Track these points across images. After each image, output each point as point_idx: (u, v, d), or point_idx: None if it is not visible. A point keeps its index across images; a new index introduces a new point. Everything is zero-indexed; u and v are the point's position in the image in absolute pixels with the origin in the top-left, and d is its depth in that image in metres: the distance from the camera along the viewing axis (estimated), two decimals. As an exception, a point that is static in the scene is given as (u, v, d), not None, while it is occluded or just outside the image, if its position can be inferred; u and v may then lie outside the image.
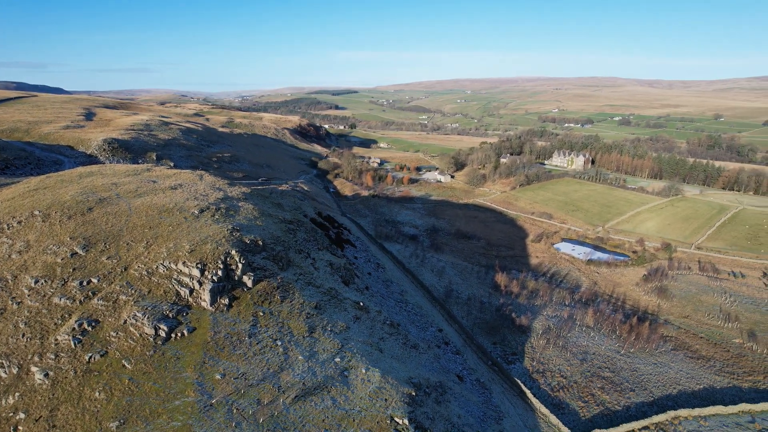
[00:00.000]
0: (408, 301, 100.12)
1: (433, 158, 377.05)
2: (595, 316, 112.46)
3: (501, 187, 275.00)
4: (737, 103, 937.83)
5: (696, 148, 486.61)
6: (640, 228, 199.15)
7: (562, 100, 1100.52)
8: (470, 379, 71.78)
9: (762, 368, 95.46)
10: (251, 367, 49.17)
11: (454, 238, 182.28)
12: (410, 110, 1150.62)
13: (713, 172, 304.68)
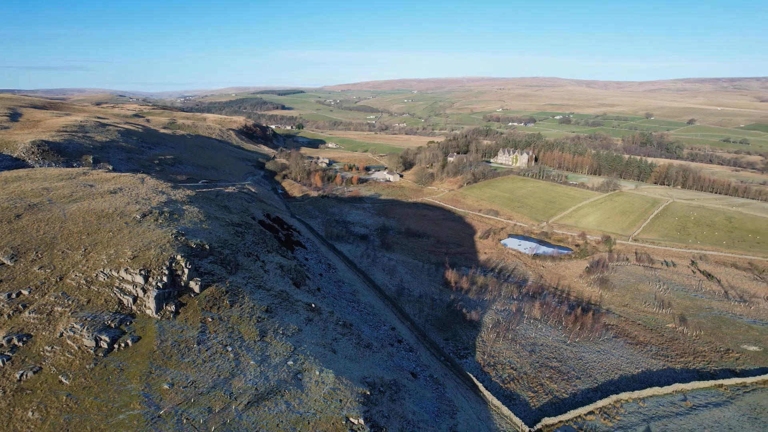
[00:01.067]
0: (360, 300, 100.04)
1: (381, 158, 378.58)
2: (542, 309, 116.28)
3: (449, 186, 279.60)
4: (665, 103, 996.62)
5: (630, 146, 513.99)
6: (581, 222, 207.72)
7: (505, 100, 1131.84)
8: (424, 375, 72.54)
9: (692, 350, 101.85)
10: (201, 375, 47.65)
11: (404, 236, 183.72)
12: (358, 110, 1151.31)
13: (646, 168, 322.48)
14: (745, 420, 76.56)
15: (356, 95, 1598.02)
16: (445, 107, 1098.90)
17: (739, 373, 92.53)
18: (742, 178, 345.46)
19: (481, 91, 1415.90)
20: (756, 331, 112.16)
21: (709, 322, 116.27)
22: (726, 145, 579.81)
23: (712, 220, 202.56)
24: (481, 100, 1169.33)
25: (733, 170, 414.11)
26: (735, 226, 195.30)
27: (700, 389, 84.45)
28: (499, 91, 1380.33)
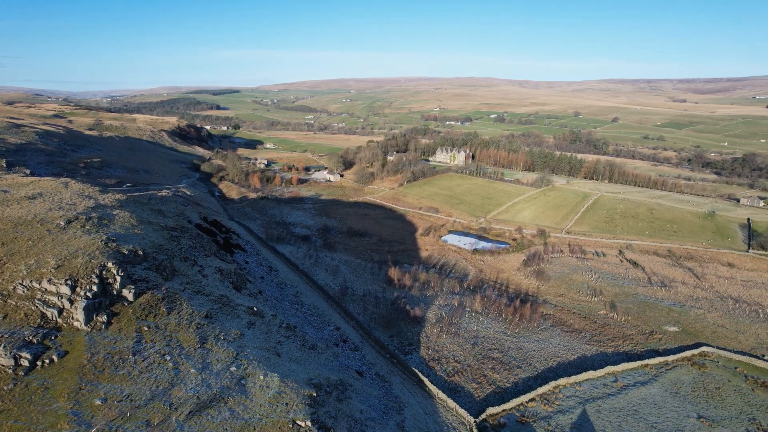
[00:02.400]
0: (303, 302, 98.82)
1: (321, 158, 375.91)
2: (482, 302, 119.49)
3: (389, 184, 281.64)
4: (591, 102, 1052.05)
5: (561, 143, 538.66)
6: (517, 217, 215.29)
7: (442, 99, 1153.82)
8: (370, 373, 72.66)
9: (621, 334, 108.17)
10: (137, 387, 45.31)
11: (346, 236, 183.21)
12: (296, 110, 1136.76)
13: (576, 163, 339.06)
14: (667, 395, 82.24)
15: (294, 95, 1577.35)
16: (383, 107, 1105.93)
17: (661, 352, 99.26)
18: (660, 172, 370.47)
19: (419, 90, 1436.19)
20: (675, 313, 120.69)
21: (635, 307, 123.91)
22: (645, 142, 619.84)
23: (636, 211, 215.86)
24: (418, 100, 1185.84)
25: (652, 165, 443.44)
26: (655, 217, 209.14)
27: (629, 370, 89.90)
28: (436, 90, 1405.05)
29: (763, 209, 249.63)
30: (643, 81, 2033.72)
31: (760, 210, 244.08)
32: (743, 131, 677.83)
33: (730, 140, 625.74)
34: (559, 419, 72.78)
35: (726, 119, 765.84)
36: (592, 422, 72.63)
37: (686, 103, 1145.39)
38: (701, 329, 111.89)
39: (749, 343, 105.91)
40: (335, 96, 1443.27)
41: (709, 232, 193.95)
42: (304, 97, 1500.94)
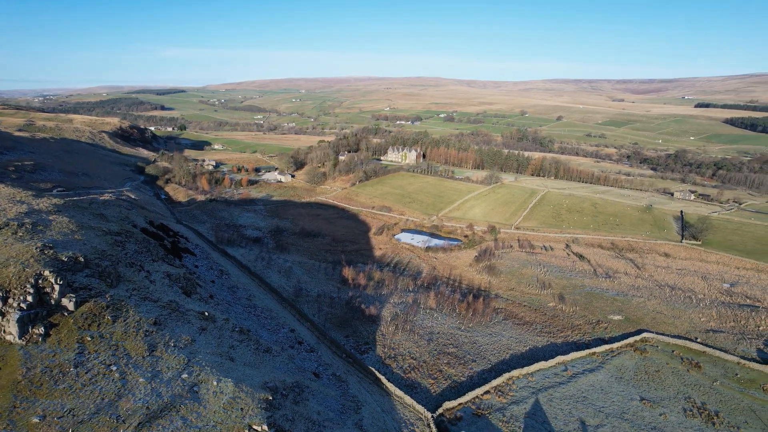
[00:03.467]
0: (257, 305, 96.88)
1: (271, 158, 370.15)
2: (436, 298, 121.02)
3: (341, 184, 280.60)
4: (537, 102, 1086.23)
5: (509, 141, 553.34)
6: (468, 214, 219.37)
7: (392, 99, 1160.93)
8: (326, 374, 72.08)
9: (570, 324, 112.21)
10: (80, 401, 42.97)
11: (299, 237, 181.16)
12: (244, 110, 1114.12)
13: (523, 161, 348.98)
14: (613, 380, 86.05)
15: (242, 95, 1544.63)
16: (334, 106, 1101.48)
17: (607, 340, 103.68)
18: (603, 168, 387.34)
19: (369, 90, 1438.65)
20: (619, 302, 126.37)
21: (582, 298, 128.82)
22: (588, 139, 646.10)
23: (581, 206, 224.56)
24: (369, 100, 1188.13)
25: (595, 161, 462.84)
26: (599, 211, 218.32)
27: (577, 359, 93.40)
28: (386, 90, 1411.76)
29: (693, 202, 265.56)
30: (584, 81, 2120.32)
31: (691, 203, 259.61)
32: (675, 129, 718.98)
33: (664, 138, 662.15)
34: (514, 410, 74.66)
35: (660, 118, 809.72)
36: (545, 411, 74.94)
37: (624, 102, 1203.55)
38: (642, 316, 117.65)
39: (684, 327, 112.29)
40: (285, 96, 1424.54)
41: (647, 224, 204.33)
42: (253, 96, 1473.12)
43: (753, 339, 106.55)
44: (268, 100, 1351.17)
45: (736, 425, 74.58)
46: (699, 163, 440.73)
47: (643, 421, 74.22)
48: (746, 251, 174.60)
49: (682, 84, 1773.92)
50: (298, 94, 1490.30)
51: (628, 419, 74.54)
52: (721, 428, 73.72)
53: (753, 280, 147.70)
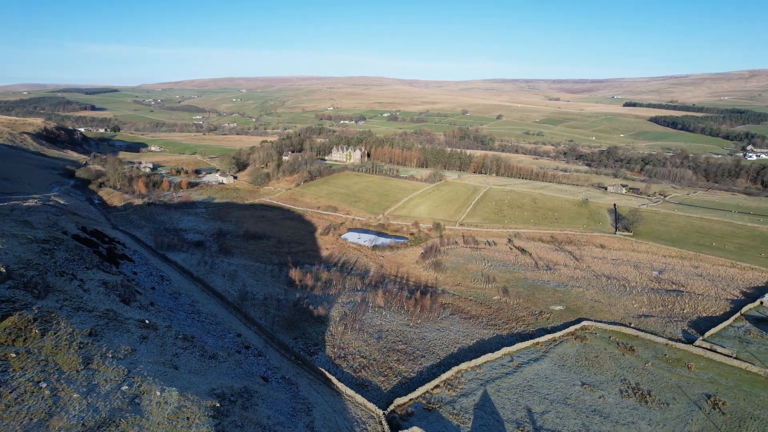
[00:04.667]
0: (201, 310, 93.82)
1: (212, 159, 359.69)
2: (384, 296, 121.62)
3: (286, 185, 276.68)
4: (477, 101, 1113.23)
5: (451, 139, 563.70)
6: (414, 212, 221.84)
7: (336, 99, 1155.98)
8: (275, 377, 70.83)
9: (514, 316, 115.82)
10: (5, 424, 40.00)
11: (243, 239, 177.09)
12: (182, 110, 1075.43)
13: (466, 159, 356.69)
14: (556, 368, 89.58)
15: (180, 94, 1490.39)
16: (276, 106, 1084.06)
17: (550, 330, 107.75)
18: (541, 165, 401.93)
19: (312, 90, 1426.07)
20: (560, 293, 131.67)
21: (525, 290, 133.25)
22: (527, 137, 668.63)
23: (522, 202, 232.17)
24: (312, 99, 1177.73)
25: (534, 158, 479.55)
26: (539, 206, 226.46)
27: (522, 349, 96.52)
28: (329, 90, 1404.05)
29: (625, 195, 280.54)
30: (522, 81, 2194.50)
31: (623, 196, 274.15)
32: (606, 127, 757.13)
33: (597, 135, 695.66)
34: (463, 402, 76.20)
35: (592, 116, 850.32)
36: (493, 401, 76.97)
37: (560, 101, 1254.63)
38: (581, 306, 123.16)
39: (619, 314, 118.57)
40: (225, 95, 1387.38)
41: (584, 218, 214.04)
42: (191, 96, 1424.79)
43: (679, 321, 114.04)
44: (207, 99, 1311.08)
45: (666, 402, 79.64)
46: (629, 159, 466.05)
47: (584, 405, 77.75)
48: (671, 240, 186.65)
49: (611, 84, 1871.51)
50: (239, 93, 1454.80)
51: (570, 404, 77.83)
52: (653, 406, 78.42)
53: (678, 267, 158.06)
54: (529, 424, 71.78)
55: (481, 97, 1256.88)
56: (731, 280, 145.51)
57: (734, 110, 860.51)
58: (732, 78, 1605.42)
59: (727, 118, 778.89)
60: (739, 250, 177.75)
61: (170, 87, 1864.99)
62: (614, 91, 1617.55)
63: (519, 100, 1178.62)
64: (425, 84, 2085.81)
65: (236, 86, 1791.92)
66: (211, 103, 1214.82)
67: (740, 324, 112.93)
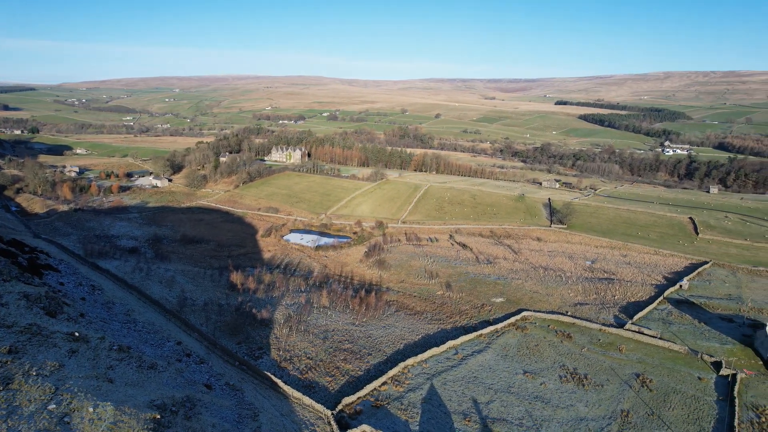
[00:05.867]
0: (137, 320, 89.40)
1: (145, 162, 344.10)
2: (329, 297, 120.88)
3: (224, 187, 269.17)
4: (416, 100, 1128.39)
5: (392, 138, 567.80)
6: (356, 211, 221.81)
7: (274, 98, 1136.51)
8: (219, 384, 68.64)
9: (457, 310, 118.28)
10: None
11: (180, 244, 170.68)
12: (110, 111, 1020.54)
13: (406, 157, 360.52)
14: (499, 358, 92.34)
15: (107, 94, 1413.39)
16: (212, 106, 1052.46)
17: (492, 322, 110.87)
18: (479, 162, 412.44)
19: (249, 89, 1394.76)
20: (500, 285, 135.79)
21: (467, 284, 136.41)
22: (465, 135, 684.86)
23: (461, 198, 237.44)
24: (249, 99, 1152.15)
25: (472, 156, 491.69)
26: (478, 202, 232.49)
27: (466, 342, 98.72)
28: (267, 89, 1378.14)
29: (558, 190, 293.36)
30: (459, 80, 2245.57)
31: (557, 191, 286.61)
32: (539, 124, 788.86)
33: (531, 132, 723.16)
34: (411, 397, 76.96)
35: (527, 114, 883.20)
36: (440, 394, 78.23)
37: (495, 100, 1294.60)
38: (521, 297, 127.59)
39: (557, 303, 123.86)
40: (157, 95, 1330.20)
41: (521, 212, 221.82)
42: (120, 96, 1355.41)
43: (610, 307, 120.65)
44: (137, 99, 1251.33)
45: (601, 383, 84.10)
46: (561, 155, 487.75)
47: (527, 392, 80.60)
48: (602, 231, 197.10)
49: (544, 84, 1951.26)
50: (171, 93, 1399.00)
51: (514, 392, 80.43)
52: (590, 388, 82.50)
53: (608, 256, 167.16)
54: (476, 414, 73.54)
55: (420, 97, 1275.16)
56: (655, 267, 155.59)
57: (653, 109, 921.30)
58: (650, 79, 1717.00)
59: (647, 116, 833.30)
60: (661, 238, 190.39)
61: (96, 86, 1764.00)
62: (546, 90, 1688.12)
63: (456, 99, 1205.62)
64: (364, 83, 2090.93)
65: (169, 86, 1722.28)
66: (142, 104, 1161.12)
67: (663, 307, 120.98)
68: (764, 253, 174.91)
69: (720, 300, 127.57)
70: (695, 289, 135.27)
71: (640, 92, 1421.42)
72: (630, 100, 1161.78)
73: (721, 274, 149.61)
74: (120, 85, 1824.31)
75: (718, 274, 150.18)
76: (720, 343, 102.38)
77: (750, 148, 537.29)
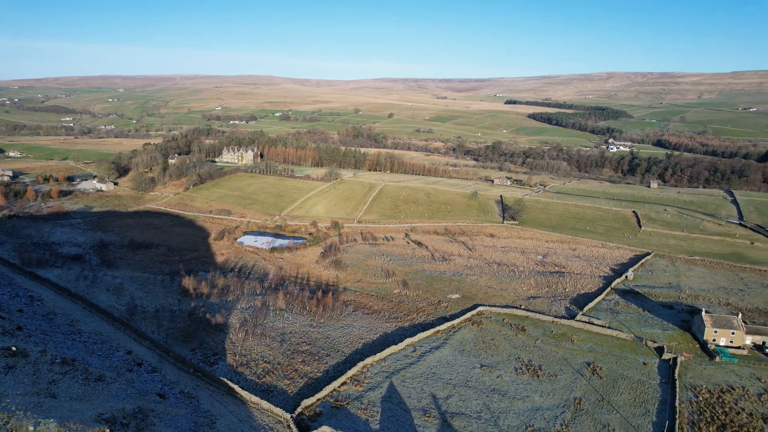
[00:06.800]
0: (82, 330, 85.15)
1: (88, 165, 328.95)
2: (286, 298, 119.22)
3: (174, 189, 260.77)
4: (369, 99, 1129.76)
5: (345, 138, 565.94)
6: (311, 212, 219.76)
7: (224, 98, 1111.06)
8: (173, 393, 66.31)
9: (415, 308, 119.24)
10: None
11: (128, 249, 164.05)
12: (47, 111, 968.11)
13: (361, 157, 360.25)
14: (456, 353, 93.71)
15: (43, 93, 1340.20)
16: (159, 106, 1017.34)
17: (448, 318, 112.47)
18: (433, 161, 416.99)
19: (198, 89, 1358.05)
20: (456, 282, 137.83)
21: (424, 282, 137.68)
22: (418, 135, 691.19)
23: (416, 197, 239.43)
24: (198, 99, 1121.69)
25: (425, 155, 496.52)
26: (432, 201, 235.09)
27: (424, 339, 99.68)
28: (216, 89, 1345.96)
29: (510, 187, 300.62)
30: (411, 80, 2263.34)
31: (509, 188, 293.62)
32: (490, 123, 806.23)
33: (482, 131, 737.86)
34: (371, 396, 76.92)
35: (478, 114, 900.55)
36: (399, 392, 78.57)
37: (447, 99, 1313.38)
38: (476, 292, 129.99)
39: (511, 297, 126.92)
40: (99, 95, 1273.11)
41: (474, 209, 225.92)
42: (58, 95, 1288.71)
43: (562, 300, 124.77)
44: (78, 99, 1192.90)
45: (554, 373, 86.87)
46: (512, 152, 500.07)
47: (484, 386, 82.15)
48: (552, 226, 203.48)
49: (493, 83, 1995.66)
50: (115, 93, 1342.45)
51: (471, 386, 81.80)
52: (544, 379, 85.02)
53: (558, 250, 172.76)
54: (435, 410, 74.29)
55: (373, 96, 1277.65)
56: (602, 259, 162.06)
57: (597, 107, 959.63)
58: (594, 79, 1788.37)
59: (592, 115, 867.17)
60: (607, 231, 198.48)
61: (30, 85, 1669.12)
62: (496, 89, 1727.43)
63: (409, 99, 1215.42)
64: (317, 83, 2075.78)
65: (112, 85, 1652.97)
66: (82, 104, 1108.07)
67: (611, 297, 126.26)
68: (699, 243, 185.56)
69: (661, 289, 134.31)
70: (639, 279, 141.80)
71: (585, 92, 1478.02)
72: (576, 99, 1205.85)
73: (662, 264, 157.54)
74: (58, 83, 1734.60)
75: (660, 264, 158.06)
76: (662, 329, 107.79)
77: (684, 145, 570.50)
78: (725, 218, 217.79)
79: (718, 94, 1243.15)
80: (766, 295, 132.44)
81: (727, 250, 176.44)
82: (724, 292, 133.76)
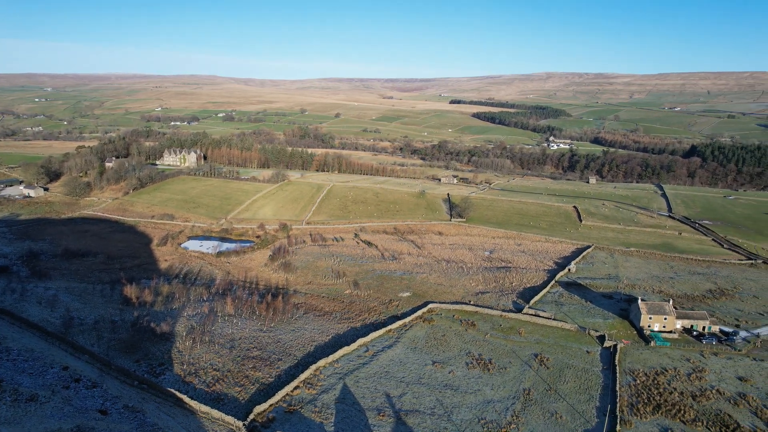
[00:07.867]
0: (10, 347, 79.66)
1: (13, 170, 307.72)
2: (234, 304, 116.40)
3: (112, 194, 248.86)
4: (315, 99, 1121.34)
5: (292, 138, 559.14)
6: (258, 214, 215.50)
7: (164, 98, 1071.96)
8: (116, 408, 63.19)
9: (366, 308, 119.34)
10: None
11: (63, 259, 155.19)
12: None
13: (308, 158, 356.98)
14: (409, 351, 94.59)
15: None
16: (93, 107, 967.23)
17: (400, 316, 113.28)
18: (380, 161, 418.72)
19: (135, 89, 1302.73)
20: (406, 280, 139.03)
21: (374, 281, 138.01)
22: (365, 134, 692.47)
23: (365, 197, 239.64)
24: (136, 99, 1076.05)
25: (373, 155, 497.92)
26: (381, 200, 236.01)
27: (377, 338, 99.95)
28: (155, 89, 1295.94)
29: (456, 185, 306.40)
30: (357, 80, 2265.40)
31: (455, 186, 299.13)
32: (436, 122, 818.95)
33: (428, 130, 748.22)
34: (324, 398, 76.33)
35: (424, 113, 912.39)
36: (353, 393, 78.38)
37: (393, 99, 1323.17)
38: (426, 290, 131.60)
39: (460, 293, 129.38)
40: (24, 94, 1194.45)
41: (422, 208, 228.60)
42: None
43: (509, 294, 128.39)
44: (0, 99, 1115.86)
45: (504, 366, 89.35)
46: (457, 151, 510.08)
47: (437, 382, 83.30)
48: (497, 223, 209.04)
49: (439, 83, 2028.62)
50: (43, 92, 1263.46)
51: (424, 383, 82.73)
52: (495, 371, 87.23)
53: (504, 246, 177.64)
54: (389, 409, 74.61)
55: (319, 96, 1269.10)
56: (546, 253, 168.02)
57: (538, 107, 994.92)
58: (534, 79, 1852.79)
59: (533, 114, 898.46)
60: (550, 226, 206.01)
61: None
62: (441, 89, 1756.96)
63: (355, 99, 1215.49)
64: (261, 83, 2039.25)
65: (39, 84, 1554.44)
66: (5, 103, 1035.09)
67: (555, 290, 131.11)
68: (634, 235, 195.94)
69: (602, 280, 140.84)
70: (581, 271, 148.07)
71: (527, 91, 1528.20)
72: (518, 99, 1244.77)
73: (601, 257, 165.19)
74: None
75: (599, 256, 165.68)
76: (603, 318, 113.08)
77: (619, 142, 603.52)
78: (656, 211, 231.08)
79: (647, 94, 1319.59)
80: (692, 281, 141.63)
81: (659, 240, 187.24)
82: (657, 280, 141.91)
